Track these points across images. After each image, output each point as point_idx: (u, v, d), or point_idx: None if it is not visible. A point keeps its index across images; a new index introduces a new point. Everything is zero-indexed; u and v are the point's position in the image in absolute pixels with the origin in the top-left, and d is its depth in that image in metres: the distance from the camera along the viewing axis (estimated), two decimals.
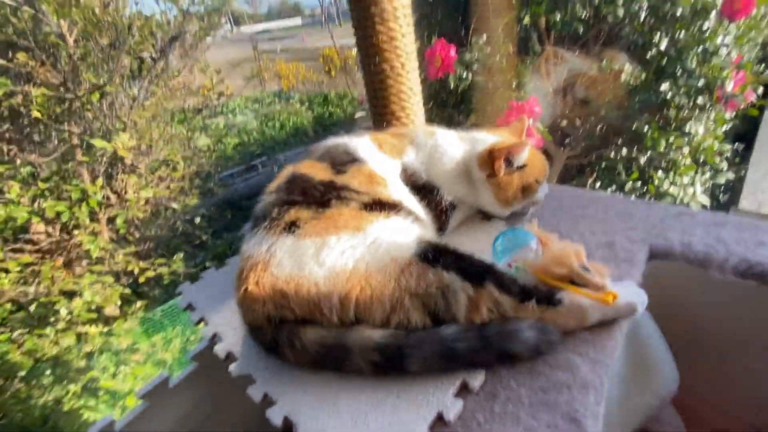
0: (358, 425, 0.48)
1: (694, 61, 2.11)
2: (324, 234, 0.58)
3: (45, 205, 1.96)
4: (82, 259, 2.68)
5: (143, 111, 2.48)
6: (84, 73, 2.10)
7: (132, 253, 2.69)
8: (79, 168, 2.45)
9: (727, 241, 0.66)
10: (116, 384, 2.58)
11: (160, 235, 3.03)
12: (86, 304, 2.11)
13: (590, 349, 0.53)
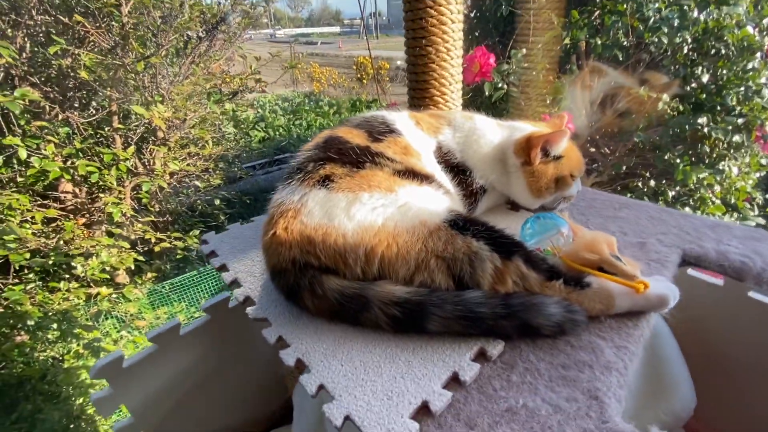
0: (370, 374, 0.47)
1: (735, 99, 2.07)
2: (357, 190, 0.58)
3: (78, 163, 2.02)
4: (102, 223, 2.74)
5: (182, 87, 2.56)
6: (133, 43, 2.18)
7: (150, 223, 2.74)
8: (114, 134, 2.53)
9: (764, 254, 0.64)
10: (116, 349, 2.61)
11: (179, 210, 3.08)
12: (101, 265, 2.15)
13: (615, 335, 0.52)
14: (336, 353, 0.50)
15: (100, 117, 2.38)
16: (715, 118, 2.01)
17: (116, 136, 2.50)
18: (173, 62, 2.61)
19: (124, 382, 0.74)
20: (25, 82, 2.31)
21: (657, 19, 1.95)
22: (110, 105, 2.41)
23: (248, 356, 0.96)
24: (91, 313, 2.32)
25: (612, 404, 0.43)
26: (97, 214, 2.61)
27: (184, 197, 3.09)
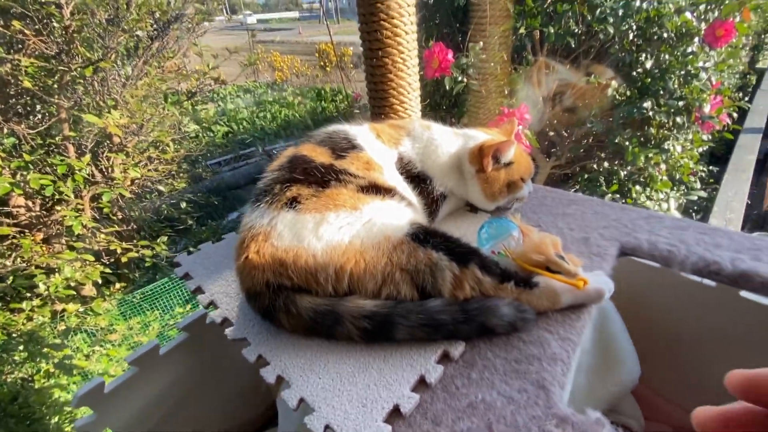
0: (345, 384, 0.52)
1: (676, 82, 2.23)
2: (323, 210, 0.61)
3: (29, 177, 1.92)
4: (62, 236, 2.62)
5: (136, 90, 2.45)
6: (78, 47, 2.06)
7: (114, 233, 2.65)
8: (65, 143, 2.40)
9: (688, 242, 0.72)
10: (89, 365, 2.54)
11: (144, 217, 2.99)
12: (65, 281, 2.08)
13: (560, 328, 0.58)
14: (313, 367, 0.54)
15: (48, 125, 2.26)
16: (658, 102, 2.15)
17: (68, 145, 2.38)
18: (124, 64, 2.49)
19: (107, 407, 0.75)
20: None
21: (603, 10, 2.05)
22: (59, 112, 2.28)
23: (230, 366, 0.99)
24: (58, 330, 2.24)
25: (556, 391, 0.50)
26: (55, 228, 2.49)
27: (148, 203, 2.99)
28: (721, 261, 0.67)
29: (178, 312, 3.12)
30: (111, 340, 2.53)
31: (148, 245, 2.60)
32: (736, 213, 2.51)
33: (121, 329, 2.79)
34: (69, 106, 2.25)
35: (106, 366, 2.66)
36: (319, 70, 12.09)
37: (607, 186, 2.47)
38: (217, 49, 2.99)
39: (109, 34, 2.12)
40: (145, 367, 0.79)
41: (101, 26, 2.11)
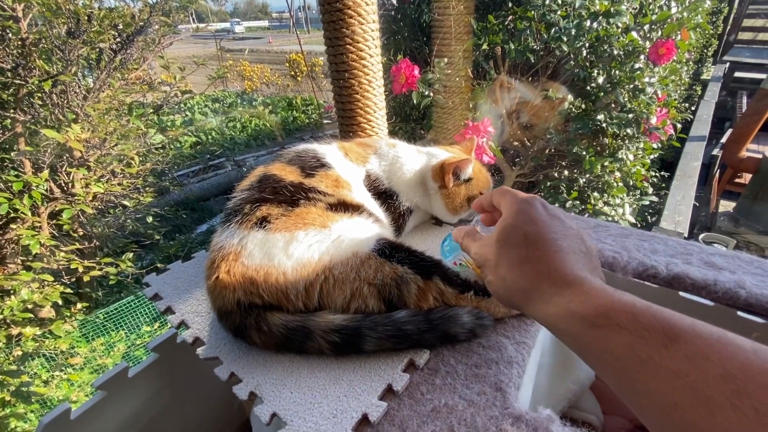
0: (317, 397, 0.54)
1: (626, 96, 2.40)
2: (293, 229, 0.64)
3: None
4: (17, 255, 2.49)
5: (97, 103, 2.38)
6: (36, 60, 1.98)
7: (75, 251, 2.54)
8: (21, 158, 2.29)
9: (629, 248, 0.80)
10: (49, 391, 2.41)
11: (107, 233, 2.88)
12: (21, 303, 1.97)
13: (516, 332, 0.63)
14: (285, 382, 0.56)
15: (3, 140, 2.15)
16: (610, 115, 2.31)
17: (24, 160, 2.28)
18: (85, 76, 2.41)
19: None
20: None
21: (557, 29, 2.19)
22: (14, 127, 2.18)
23: (202, 386, 0.98)
24: (14, 356, 2.12)
25: (512, 392, 0.54)
26: (9, 247, 2.37)
27: (112, 218, 2.89)
28: (657, 265, 0.74)
29: (145, 331, 3.01)
30: (72, 364, 2.41)
31: (112, 262, 2.50)
32: (684, 216, 2.71)
33: (83, 352, 2.66)
34: (25, 120, 2.15)
35: (68, 392, 2.53)
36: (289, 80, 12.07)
37: (568, 193, 2.60)
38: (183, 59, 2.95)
39: (69, 46, 2.06)
40: (114, 391, 0.78)
41: (60, 39, 2.04)
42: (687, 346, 0.26)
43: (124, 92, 2.61)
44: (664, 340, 0.27)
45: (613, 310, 0.31)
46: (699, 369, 0.25)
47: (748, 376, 0.24)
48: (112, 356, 2.83)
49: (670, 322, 0.28)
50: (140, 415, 0.86)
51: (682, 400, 0.25)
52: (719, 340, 0.26)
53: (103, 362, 2.78)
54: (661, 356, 0.27)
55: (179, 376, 0.91)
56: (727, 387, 0.24)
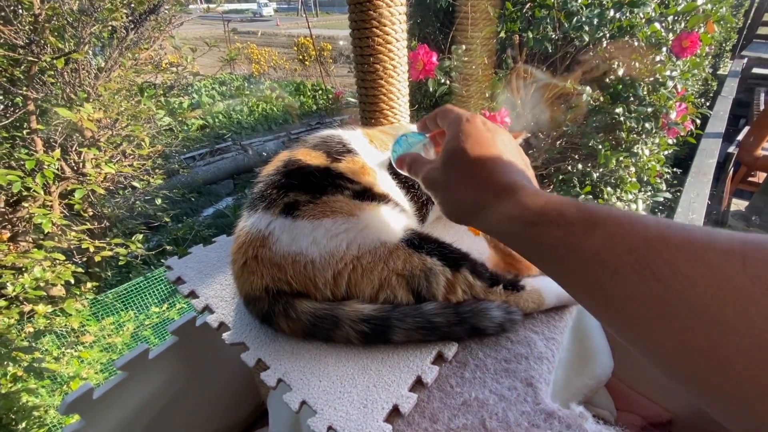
0: (346, 386, 0.54)
1: (645, 89, 2.34)
2: (321, 216, 0.63)
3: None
4: (28, 233, 2.51)
5: (109, 83, 2.35)
6: (49, 37, 1.96)
7: (85, 231, 2.55)
8: (33, 136, 2.29)
9: None
10: (60, 367, 2.45)
11: (117, 214, 2.89)
12: (34, 281, 1.99)
13: (545, 328, 0.63)
14: (314, 370, 0.56)
15: (15, 118, 2.14)
16: (629, 108, 2.26)
17: (36, 138, 2.27)
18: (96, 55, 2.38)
19: (96, 413, 0.75)
20: None
21: (579, 18, 2.13)
22: (26, 104, 2.17)
23: (218, 368, 0.99)
24: (26, 332, 2.15)
25: (543, 388, 0.54)
26: (21, 225, 2.38)
27: (121, 199, 2.89)
28: None
29: (154, 312, 3.04)
30: (83, 342, 2.44)
31: (122, 243, 2.51)
32: (698, 213, 2.67)
33: (93, 330, 2.69)
34: (37, 97, 2.14)
35: (78, 368, 2.57)
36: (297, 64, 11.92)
37: (581, 187, 2.57)
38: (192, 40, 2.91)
39: (81, 24, 2.03)
40: (135, 372, 0.78)
41: (73, 15, 2.01)
42: (603, 230, 0.30)
43: (135, 72, 2.59)
44: (586, 228, 0.31)
45: (546, 210, 0.35)
46: (611, 247, 0.29)
47: (648, 246, 0.27)
48: (121, 335, 2.87)
49: (591, 212, 0.32)
50: (159, 396, 0.86)
51: (600, 276, 0.29)
52: (629, 221, 0.30)
53: (113, 341, 2.82)
54: (584, 242, 0.31)
55: (197, 359, 0.92)
56: (631, 258, 0.28)
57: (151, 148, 2.73)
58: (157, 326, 3.03)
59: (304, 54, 11.29)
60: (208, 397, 1.00)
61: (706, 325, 0.23)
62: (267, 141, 7.83)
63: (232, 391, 1.06)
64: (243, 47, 11.29)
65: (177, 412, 0.92)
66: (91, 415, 0.74)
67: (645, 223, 0.29)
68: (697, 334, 0.24)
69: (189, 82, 2.84)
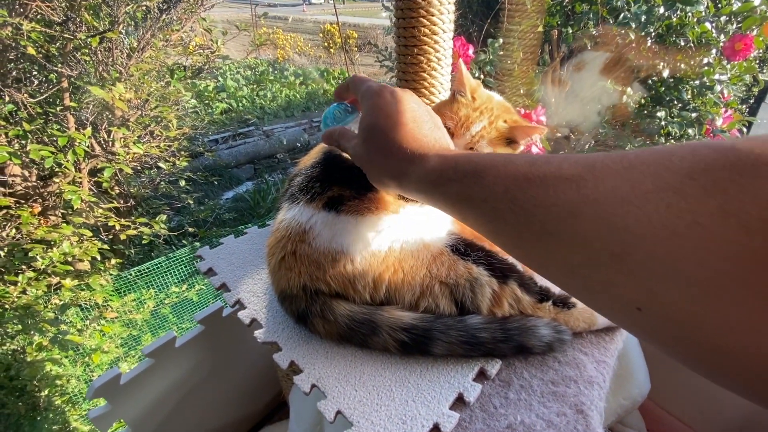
0: (383, 399, 0.51)
1: (690, 93, 2.22)
2: (365, 213, 0.60)
3: (29, 148, 1.86)
4: (57, 208, 2.57)
5: (140, 63, 2.37)
6: (85, 15, 1.97)
7: (112, 209, 2.60)
8: (66, 113, 2.33)
9: None
10: (83, 339, 2.52)
11: (142, 194, 2.93)
12: (63, 255, 2.04)
13: (595, 350, 0.58)
14: (349, 378, 0.53)
15: (49, 94, 2.18)
16: (671, 112, 2.15)
17: (68, 116, 2.31)
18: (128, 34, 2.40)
19: (122, 398, 0.74)
20: None
21: (626, 15, 2.02)
22: (60, 81, 2.20)
23: (240, 359, 0.98)
24: (52, 304, 2.21)
25: (595, 417, 0.50)
26: (51, 200, 2.44)
27: (147, 179, 2.93)
28: None
29: (173, 291, 3.10)
30: (105, 317, 2.51)
31: (146, 223, 2.55)
32: None
33: (115, 306, 2.76)
34: (71, 75, 2.17)
35: (100, 341, 2.65)
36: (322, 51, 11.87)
37: None
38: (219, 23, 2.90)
39: (117, 2, 2.04)
40: (161, 359, 0.78)
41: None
42: (487, 177, 0.34)
43: (165, 54, 2.60)
44: (476, 178, 0.35)
45: (445, 168, 0.39)
46: (493, 191, 0.33)
47: (516, 185, 0.31)
48: (141, 312, 2.93)
49: (478, 163, 0.36)
50: (183, 383, 0.86)
51: (492, 217, 0.33)
52: (504, 164, 0.33)
53: (133, 317, 2.88)
54: (475, 191, 0.35)
55: (221, 349, 0.91)
56: (506, 197, 0.32)
57: (178, 130, 2.74)
58: (175, 306, 3.08)
59: (329, 41, 11.21)
60: (229, 387, 0.99)
61: (562, 243, 0.28)
62: (289, 128, 7.84)
63: (252, 381, 1.05)
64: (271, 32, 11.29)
65: (199, 400, 0.92)
66: (117, 399, 0.74)
67: (516, 164, 0.33)
68: (556, 249, 0.29)
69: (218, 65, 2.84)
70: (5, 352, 2.28)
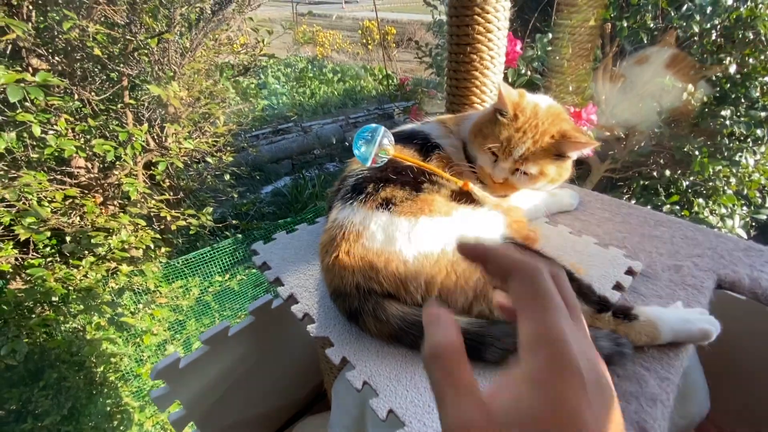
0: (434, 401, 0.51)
1: (759, 90, 2.04)
2: (419, 214, 0.60)
3: (94, 143, 2.01)
4: (116, 199, 2.75)
5: (193, 62, 2.49)
6: (145, 17, 2.11)
7: (163, 201, 2.76)
8: (126, 110, 2.49)
9: None
10: (135, 322, 2.70)
11: (190, 187, 3.09)
12: (121, 243, 2.19)
13: (658, 365, 0.55)
14: (400, 378, 0.54)
15: (113, 92, 2.34)
16: (737, 111, 1.99)
17: (128, 112, 2.47)
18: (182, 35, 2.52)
19: (179, 381, 0.79)
20: (33, 54, 2.25)
21: (690, 6, 1.88)
22: (121, 80, 2.36)
23: (285, 350, 1.02)
24: (109, 288, 2.38)
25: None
26: (110, 190, 2.62)
27: (195, 173, 3.09)
28: None
29: (217, 280, 3.25)
30: (156, 301, 2.67)
31: (194, 214, 2.69)
32: None
33: (164, 291, 2.93)
34: (131, 74, 2.31)
35: (150, 324, 2.82)
36: (360, 48, 11.93)
37: (666, 196, 2.33)
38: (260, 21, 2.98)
39: (173, 5, 2.15)
40: (215, 346, 0.82)
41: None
42: None
43: (215, 53, 2.71)
44: None
45: None
46: None
47: None
48: (186, 299, 3.10)
49: None
50: (233, 370, 0.90)
51: None
52: None
53: (180, 303, 3.05)
54: None
55: (269, 340, 0.94)
56: None
57: (224, 126, 2.86)
58: (218, 294, 3.23)
59: (368, 38, 11.26)
60: (274, 376, 1.03)
61: None
62: (326, 124, 7.97)
63: (296, 371, 1.08)
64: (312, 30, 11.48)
65: (247, 387, 0.96)
66: (175, 382, 0.78)
67: None
68: None
69: (264, 63, 2.93)
70: (68, 330, 2.49)
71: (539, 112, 0.68)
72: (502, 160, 0.68)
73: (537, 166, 0.67)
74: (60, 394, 2.38)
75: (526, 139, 0.66)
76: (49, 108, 2.08)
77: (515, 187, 0.71)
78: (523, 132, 0.66)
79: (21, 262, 2.36)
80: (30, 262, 2.29)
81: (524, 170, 0.67)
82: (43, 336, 2.48)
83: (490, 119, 0.70)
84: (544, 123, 0.67)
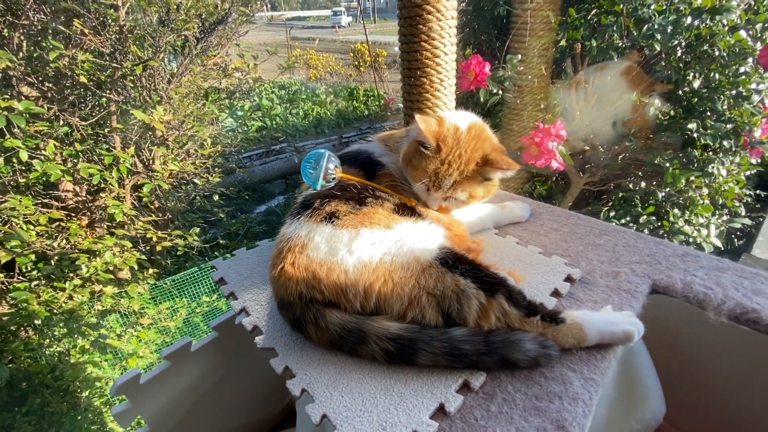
0: (367, 405, 0.53)
1: (725, 103, 2.12)
2: (359, 226, 0.63)
3: (80, 166, 2.05)
4: (103, 221, 2.78)
5: (179, 87, 2.57)
6: (131, 45, 2.19)
7: (150, 222, 2.78)
8: (113, 134, 2.55)
9: (726, 285, 0.70)
10: (121, 344, 2.69)
11: (178, 208, 3.13)
12: (105, 265, 2.21)
13: (584, 366, 0.58)
14: (337, 384, 0.56)
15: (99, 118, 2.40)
16: (704, 124, 2.06)
17: (115, 136, 2.52)
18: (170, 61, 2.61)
19: (142, 396, 0.80)
20: (23, 82, 2.32)
21: (651, 26, 1.98)
22: (109, 105, 2.42)
23: (253, 365, 1.03)
24: (95, 310, 2.38)
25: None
26: (97, 213, 2.65)
27: (183, 194, 3.13)
28: (761, 309, 0.64)
29: (205, 300, 3.25)
30: (142, 323, 2.66)
31: (181, 235, 2.71)
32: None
33: (151, 313, 2.93)
34: (118, 100, 2.38)
35: (136, 346, 2.81)
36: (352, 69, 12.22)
37: (643, 207, 2.38)
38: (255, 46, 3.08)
39: (159, 33, 2.24)
40: (178, 362, 0.84)
41: (152, 26, 2.23)
42: None
43: (202, 78, 2.80)
44: None
45: None
46: None
47: None
48: (174, 320, 3.09)
49: None
50: (197, 386, 0.92)
51: None
52: None
53: (167, 324, 3.04)
54: None
55: (234, 355, 0.96)
56: None
57: (212, 148, 2.92)
58: (206, 314, 3.23)
59: (359, 60, 11.54)
60: (242, 393, 1.04)
61: None
62: (319, 144, 8.08)
63: (264, 388, 1.09)
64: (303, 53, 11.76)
65: (213, 403, 0.97)
66: (137, 397, 0.80)
67: None
68: None
69: (251, 87, 3.02)
70: (52, 354, 2.47)
71: (461, 138, 0.72)
72: (434, 191, 0.72)
73: (465, 192, 0.72)
74: (43, 419, 2.34)
75: (452, 171, 0.70)
76: (37, 134, 2.13)
77: (449, 209, 0.76)
78: (448, 164, 0.71)
79: (6, 285, 2.37)
80: (15, 285, 2.30)
81: (454, 197, 0.72)
82: (27, 360, 2.46)
83: (416, 150, 0.73)
84: (467, 150, 0.71)
